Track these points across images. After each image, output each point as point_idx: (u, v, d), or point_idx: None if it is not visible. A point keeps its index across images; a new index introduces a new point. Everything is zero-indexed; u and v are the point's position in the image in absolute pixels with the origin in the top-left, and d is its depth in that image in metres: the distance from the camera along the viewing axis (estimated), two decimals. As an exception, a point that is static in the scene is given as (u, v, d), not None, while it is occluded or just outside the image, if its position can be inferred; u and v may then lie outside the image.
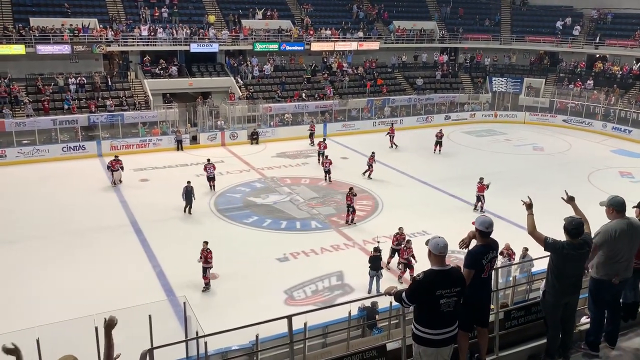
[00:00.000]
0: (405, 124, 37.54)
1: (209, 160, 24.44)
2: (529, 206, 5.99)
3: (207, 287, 15.58)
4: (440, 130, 30.64)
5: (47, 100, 30.26)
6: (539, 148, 33.05)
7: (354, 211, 20.65)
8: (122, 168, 24.51)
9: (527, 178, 26.41)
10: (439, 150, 30.31)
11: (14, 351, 4.21)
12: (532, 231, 5.78)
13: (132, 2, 36.94)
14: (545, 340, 6.04)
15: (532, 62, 43.87)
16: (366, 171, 25.97)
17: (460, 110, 40.17)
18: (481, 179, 22.08)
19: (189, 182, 21.13)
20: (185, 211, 20.99)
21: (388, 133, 32.29)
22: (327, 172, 25.57)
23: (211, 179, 23.98)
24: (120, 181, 24.41)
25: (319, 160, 28.20)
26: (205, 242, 15.67)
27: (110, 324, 4.55)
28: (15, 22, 32.35)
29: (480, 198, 21.87)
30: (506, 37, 44.20)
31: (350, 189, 20.88)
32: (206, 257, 15.44)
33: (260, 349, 9.13)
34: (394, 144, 31.94)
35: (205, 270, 15.52)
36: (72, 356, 4.29)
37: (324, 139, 30.05)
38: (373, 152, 26.38)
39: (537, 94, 41.29)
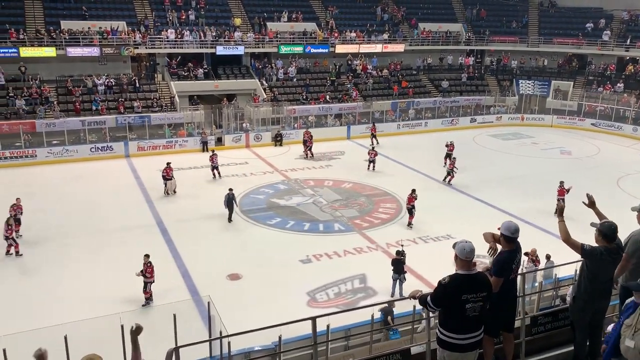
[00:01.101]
0: (430, 126, 37.34)
1: (213, 151, 27.01)
2: (561, 212, 5.86)
3: (147, 302, 14.76)
4: (451, 142, 28.43)
5: (77, 102, 30.89)
6: (567, 152, 32.50)
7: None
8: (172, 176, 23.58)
9: (554, 182, 25.95)
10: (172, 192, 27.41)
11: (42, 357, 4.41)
12: (567, 238, 5.64)
13: (159, 5, 37.50)
14: (572, 347, 5.94)
15: (560, 65, 43.19)
16: (447, 177, 25.54)
17: (486, 113, 39.72)
18: (561, 182, 21.72)
19: (230, 190, 20.71)
20: (230, 220, 20.51)
21: (371, 132, 33.03)
22: (372, 162, 27.36)
23: (215, 168, 25.73)
24: (175, 191, 23.53)
25: (306, 155, 29.94)
26: (147, 256, 14.94)
27: (137, 331, 4.63)
28: (46, 25, 33.13)
29: (560, 202, 21.38)
30: (533, 39, 43.61)
31: (413, 190, 20.74)
32: (147, 271, 14.72)
33: (283, 350, 9.15)
34: (376, 141, 32.56)
35: (146, 285, 14.77)
36: (97, 355, 4.34)
37: (310, 136, 30.48)
38: (454, 158, 25.77)
39: (565, 97, 40.64)
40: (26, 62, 31.52)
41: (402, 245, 16.63)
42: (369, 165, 27.48)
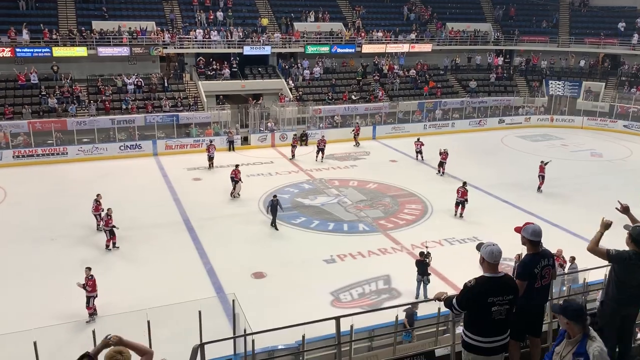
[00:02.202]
0: (457, 127, 37.00)
1: (211, 141, 28.63)
2: (607, 226, 5.67)
3: (92, 318, 13.76)
4: (445, 150, 26.89)
5: (108, 101, 31.46)
6: (598, 154, 31.84)
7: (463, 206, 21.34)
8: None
9: (584, 185, 25.50)
10: (443, 172, 26.79)
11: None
12: (593, 247, 5.53)
13: (188, 6, 37.94)
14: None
15: (592, 65, 42.31)
16: (539, 186, 24.53)
17: (514, 114, 39.16)
18: None
19: (275, 197, 20.36)
20: (272, 225, 20.02)
21: (353, 131, 33.12)
22: (419, 152, 29.41)
23: (211, 159, 27.22)
24: (239, 194, 23.11)
25: (293, 155, 29.80)
26: (88, 269, 14.05)
27: (118, 344, 4.49)
28: (78, 25, 33.83)
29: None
30: (564, 39, 42.81)
31: (464, 183, 21.36)
32: (88, 284, 13.69)
33: (306, 349, 9.16)
34: (358, 142, 32.82)
35: (88, 299, 13.77)
36: (125, 349, 4.40)
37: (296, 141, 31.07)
38: (544, 161, 24.77)
39: (596, 98, 39.80)
40: (59, 61, 32.23)
41: (426, 247, 16.51)
42: (417, 156, 29.44)
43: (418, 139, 29.50)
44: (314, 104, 35.25)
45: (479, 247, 5.02)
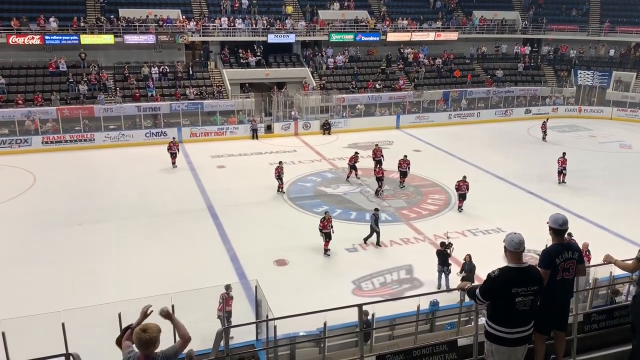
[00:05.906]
0: (483, 117, 36.51)
1: (174, 139, 27.61)
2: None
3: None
4: (356, 153, 24.44)
5: (135, 87, 31.79)
6: (627, 146, 31.13)
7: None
8: None
9: (612, 177, 25.02)
10: (356, 175, 24.35)
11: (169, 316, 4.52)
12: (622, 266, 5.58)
13: (213, -7, 38.05)
14: (629, 347, 5.73)
15: (622, 55, 41.26)
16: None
17: (542, 104, 38.48)
18: None
19: (376, 210, 18.64)
20: (377, 243, 18.05)
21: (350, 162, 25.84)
22: (545, 132, 31.27)
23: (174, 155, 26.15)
24: (383, 191, 22.52)
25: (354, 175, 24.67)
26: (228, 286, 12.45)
27: (168, 315, 4.69)
28: (105, 13, 34.18)
29: None
30: (594, 27, 41.79)
31: (564, 153, 23.40)
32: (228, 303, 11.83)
33: (328, 335, 9.20)
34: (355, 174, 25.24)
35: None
36: (153, 324, 4.48)
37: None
38: None
39: (626, 88, 38.86)
40: (86, 49, 32.65)
41: (447, 237, 16.41)
42: (543, 137, 31.53)
43: (547, 119, 32.59)
44: (338, 92, 35.14)
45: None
